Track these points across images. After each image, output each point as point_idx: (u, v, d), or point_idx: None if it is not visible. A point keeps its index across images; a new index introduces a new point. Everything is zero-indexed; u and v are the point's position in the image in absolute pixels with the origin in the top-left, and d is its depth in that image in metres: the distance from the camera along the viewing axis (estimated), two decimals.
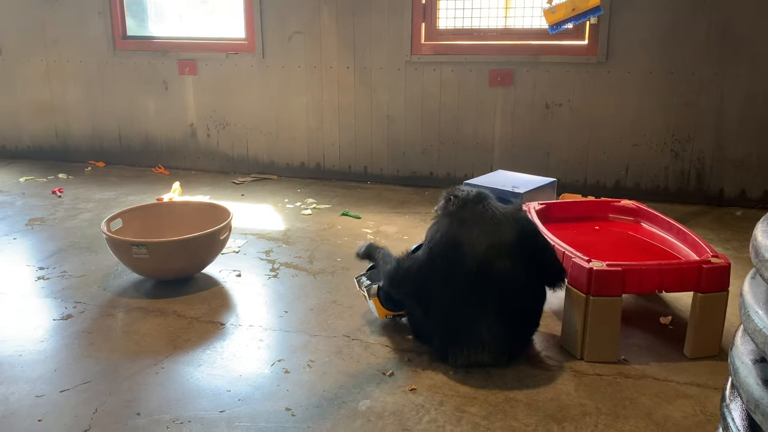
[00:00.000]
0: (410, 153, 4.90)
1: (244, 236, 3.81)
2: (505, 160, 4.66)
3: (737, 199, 4.37)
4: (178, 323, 2.79)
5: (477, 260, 2.27)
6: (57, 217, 4.23)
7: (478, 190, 2.49)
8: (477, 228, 2.32)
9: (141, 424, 2.11)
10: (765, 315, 0.93)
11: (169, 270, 3.10)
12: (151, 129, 5.46)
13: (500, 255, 2.28)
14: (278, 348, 2.59)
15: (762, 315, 0.94)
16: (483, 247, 2.28)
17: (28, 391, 2.29)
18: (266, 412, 2.16)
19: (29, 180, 5.11)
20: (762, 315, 0.94)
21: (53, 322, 2.81)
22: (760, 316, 0.93)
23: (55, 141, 5.73)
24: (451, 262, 2.29)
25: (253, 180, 5.12)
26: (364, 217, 4.18)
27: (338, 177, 5.08)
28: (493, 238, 2.29)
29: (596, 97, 4.45)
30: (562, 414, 2.14)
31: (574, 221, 3.14)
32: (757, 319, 0.94)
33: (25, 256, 3.57)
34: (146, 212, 3.46)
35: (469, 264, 2.27)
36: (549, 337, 2.65)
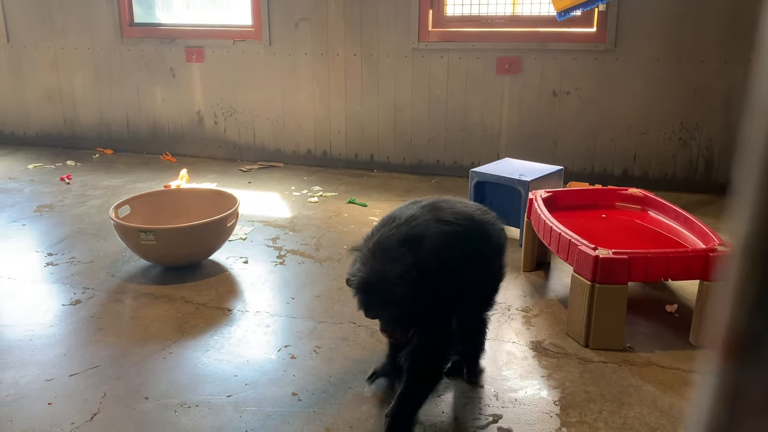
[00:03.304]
0: (417, 141, 4.89)
1: (251, 223, 3.83)
2: (512, 148, 4.64)
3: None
4: (185, 309, 2.81)
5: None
6: (65, 203, 4.26)
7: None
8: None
9: (149, 408, 2.13)
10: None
11: (177, 256, 3.12)
12: (159, 116, 5.47)
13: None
14: (285, 334, 2.61)
15: None
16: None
17: (38, 375, 2.32)
18: (273, 397, 2.19)
19: (38, 167, 5.14)
20: None
21: (62, 307, 2.84)
22: None
23: (63, 128, 5.75)
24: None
25: (260, 167, 5.13)
26: (370, 204, 4.19)
27: (345, 165, 5.08)
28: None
29: (604, 84, 4.43)
30: (567, 401, 2.15)
31: (580, 209, 3.14)
32: None
33: (33, 242, 3.60)
34: (154, 199, 3.48)
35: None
36: (555, 324, 2.65)
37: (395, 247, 1.88)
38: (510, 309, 2.79)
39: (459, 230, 1.98)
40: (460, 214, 2.04)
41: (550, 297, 2.92)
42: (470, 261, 2.02)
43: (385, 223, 2.01)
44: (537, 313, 2.75)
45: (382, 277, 1.85)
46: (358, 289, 1.89)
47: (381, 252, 1.89)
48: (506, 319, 2.70)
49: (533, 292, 2.96)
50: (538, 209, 2.96)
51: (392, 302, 1.86)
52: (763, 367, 0.17)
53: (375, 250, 1.89)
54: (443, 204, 2.07)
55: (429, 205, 2.04)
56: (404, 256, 1.86)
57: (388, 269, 1.85)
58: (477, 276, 2.10)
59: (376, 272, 1.86)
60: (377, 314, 1.95)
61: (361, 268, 1.90)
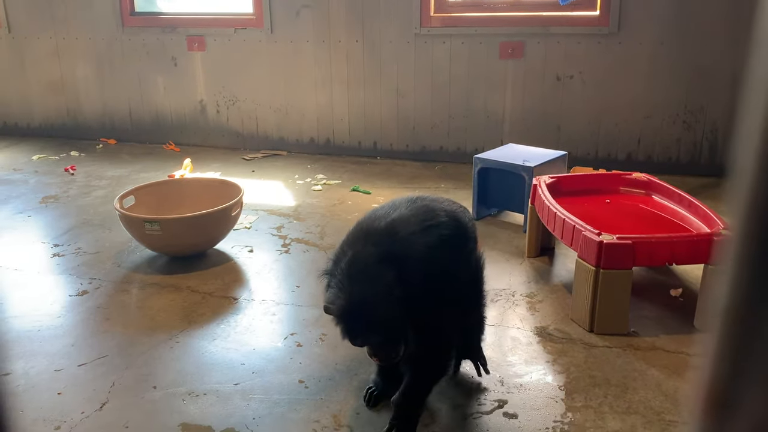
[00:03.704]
0: (420, 128, 4.88)
1: (255, 212, 3.84)
2: (515, 134, 4.63)
3: None
4: (191, 298, 2.83)
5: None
6: (70, 194, 4.27)
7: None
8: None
9: (157, 398, 2.15)
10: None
11: (182, 246, 3.14)
12: (161, 106, 5.47)
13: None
14: (291, 322, 2.63)
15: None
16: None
17: (47, 365, 2.34)
18: (280, 385, 2.20)
19: (42, 158, 5.15)
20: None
21: (69, 298, 2.86)
22: None
23: (66, 119, 5.75)
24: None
25: (263, 156, 5.13)
26: (374, 192, 4.19)
27: (348, 152, 5.08)
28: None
29: (608, 68, 4.40)
30: (572, 385, 2.17)
31: (584, 194, 3.14)
32: None
33: (39, 234, 3.62)
34: (158, 189, 3.49)
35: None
36: (559, 309, 2.66)
37: (373, 264, 1.73)
38: (514, 295, 2.80)
39: (438, 232, 1.86)
40: (433, 212, 1.92)
41: (554, 283, 2.92)
42: (454, 259, 1.92)
43: (357, 238, 1.85)
44: (541, 299, 2.76)
45: (365, 303, 1.70)
46: (340, 318, 1.73)
47: (358, 272, 1.73)
48: (511, 305, 2.70)
49: (537, 278, 2.97)
50: (542, 195, 2.96)
51: (379, 324, 1.72)
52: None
53: (351, 272, 1.73)
54: (413, 207, 1.93)
55: (399, 210, 1.89)
56: (385, 273, 1.71)
57: (369, 290, 1.70)
58: (463, 271, 2.00)
59: (356, 295, 1.70)
60: (366, 341, 1.79)
61: (338, 293, 1.73)
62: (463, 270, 2.00)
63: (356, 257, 1.76)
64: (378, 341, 1.77)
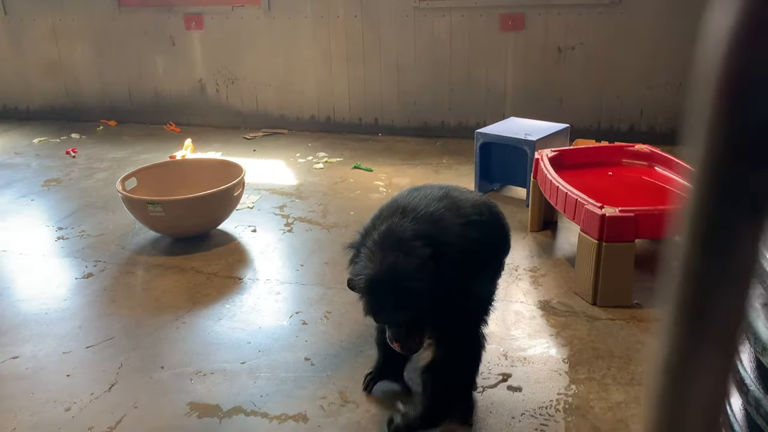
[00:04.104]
0: (421, 103, 4.85)
1: (257, 192, 3.84)
2: (517, 107, 4.60)
3: None
4: (196, 279, 2.84)
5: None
6: (72, 177, 4.27)
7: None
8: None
9: (165, 377, 2.18)
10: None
11: (185, 227, 3.15)
12: (161, 86, 5.44)
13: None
14: (295, 301, 2.64)
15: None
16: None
17: (55, 348, 2.36)
18: (286, 362, 2.23)
19: (42, 141, 5.14)
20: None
21: (75, 280, 2.88)
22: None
23: (65, 101, 5.73)
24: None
25: (264, 135, 5.11)
26: (375, 169, 4.18)
27: (349, 129, 5.06)
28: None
29: (609, 39, 4.35)
30: (575, 358, 2.18)
31: (587, 167, 3.12)
32: (766, 264, 0.94)
33: (43, 217, 3.63)
34: (160, 170, 3.48)
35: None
36: (562, 283, 2.67)
37: (409, 239, 1.62)
38: (517, 269, 2.81)
39: (478, 220, 1.77)
40: (476, 204, 1.84)
41: (557, 256, 2.93)
42: (488, 254, 1.86)
43: (393, 212, 1.73)
44: (544, 273, 2.77)
45: (396, 273, 1.56)
46: (366, 289, 1.60)
47: (392, 244, 1.61)
48: (514, 280, 2.71)
49: (540, 252, 2.97)
50: (544, 169, 2.95)
51: (409, 300, 1.58)
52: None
53: (384, 242, 1.62)
54: (455, 193, 1.85)
55: (441, 194, 1.81)
56: (420, 248, 1.60)
57: (403, 263, 1.57)
58: (491, 272, 1.93)
59: (388, 267, 1.57)
60: (390, 318, 1.66)
61: (367, 264, 1.61)
62: (493, 276, 1.94)
63: (392, 229, 1.65)
64: (403, 320, 1.63)
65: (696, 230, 0.16)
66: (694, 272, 0.15)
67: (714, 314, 0.15)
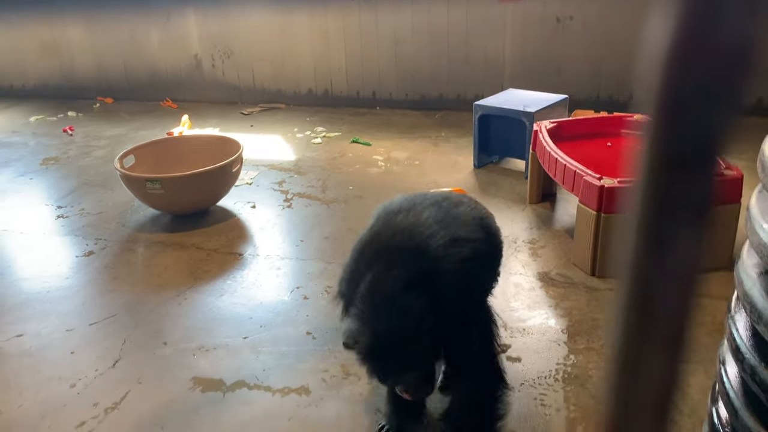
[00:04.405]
0: (418, 76, 4.82)
1: (256, 168, 3.83)
2: (516, 79, 4.57)
3: (754, 108, 4.28)
4: (197, 255, 2.86)
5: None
6: (70, 155, 4.26)
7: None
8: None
9: (168, 353, 2.20)
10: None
11: (184, 204, 3.15)
12: (156, 62, 5.39)
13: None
14: (296, 276, 2.66)
15: (767, 229, 0.95)
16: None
17: (58, 326, 2.38)
18: (288, 337, 2.25)
19: (39, 119, 5.12)
20: (767, 229, 0.95)
21: (76, 258, 2.89)
22: (765, 230, 0.94)
23: (61, 78, 5.69)
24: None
25: (262, 110, 5.08)
26: (374, 143, 4.17)
27: (347, 103, 5.03)
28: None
29: (609, 8, 4.30)
30: (574, 328, 2.20)
31: (586, 138, 3.11)
32: (762, 233, 0.95)
33: (42, 196, 3.63)
34: (158, 147, 3.48)
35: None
36: (561, 254, 2.68)
37: (401, 292, 1.46)
38: (517, 241, 2.82)
39: (472, 246, 1.58)
40: (469, 224, 1.64)
41: (556, 228, 2.94)
42: (488, 279, 1.76)
43: (376, 253, 1.56)
44: (543, 245, 2.78)
45: (393, 338, 1.45)
46: (367, 358, 1.50)
47: (383, 303, 1.46)
48: (513, 252, 2.73)
49: (539, 223, 2.98)
50: (542, 140, 2.94)
51: (414, 361, 1.49)
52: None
53: (373, 300, 1.47)
54: (438, 213, 1.62)
55: (421, 215, 1.60)
56: (415, 302, 1.45)
57: (401, 324, 1.44)
58: (488, 294, 1.81)
59: (386, 332, 1.45)
60: (396, 380, 1.56)
61: (360, 328, 1.48)
62: (489, 289, 1.81)
63: (378, 280, 1.49)
64: (412, 378, 1.53)
65: (640, 231, 0.16)
66: (641, 273, 0.16)
67: (660, 308, 0.16)
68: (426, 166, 3.75)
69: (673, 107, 0.16)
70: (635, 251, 0.17)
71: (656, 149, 0.17)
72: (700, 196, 0.17)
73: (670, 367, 0.17)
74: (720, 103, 0.16)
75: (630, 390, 0.17)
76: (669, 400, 0.17)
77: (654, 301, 0.17)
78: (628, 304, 0.17)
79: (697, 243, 0.16)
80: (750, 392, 1.04)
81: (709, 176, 0.17)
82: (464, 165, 3.71)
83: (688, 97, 0.16)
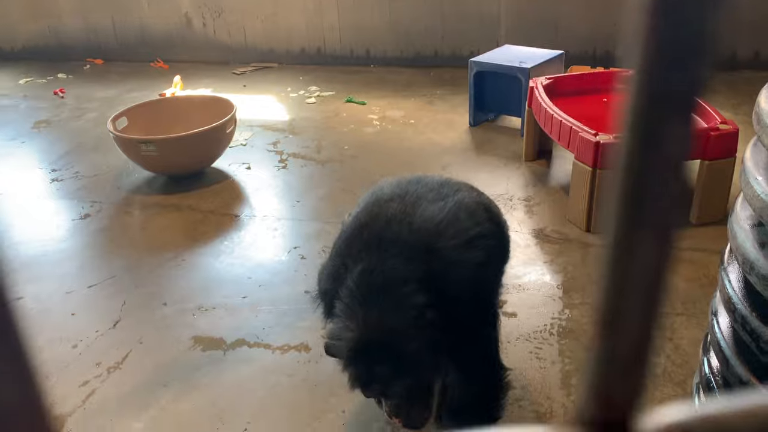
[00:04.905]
0: (413, 32, 4.75)
1: (250, 128, 3.80)
2: (511, 35, 4.51)
3: (750, 62, 4.25)
4: (193, 217, 2.86)
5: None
6: (62, 118, 4.22)
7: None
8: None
9: (168, 313, 2.22)
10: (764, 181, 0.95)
11: (179, 165, 3.14)
12: (146, 20, 5.29)
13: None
14: (293, 236, 2.67)
15: (761, 181, 0.95)
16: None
17: (57, 288, 2.40)
18: (286, 296, 2.27)
19: (29, 82, 5.05)
20: (761, 181, 0.95)
21: (72, 222, 2.89)
22: (759, 183, 0.95)
23: (49, 39, 5.58)
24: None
25: (254, 69, 5.02)
26: (369, 102, 4.14)
27: (340, 62, 4.96)
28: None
29: None
30: (570, 284, 2.23)
31: (582, 95, 3.09)
32: (756, 185, 0.95)
33: (35, 159, 3.61)
34: (151, 109, 3.44)
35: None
36: (557, 211, 2.70)
37: (397, 284, 1.26)
38: (512, 199, 2.82)
39: (486, 243, 1.38)
40: (473, 213, 1.43)
41: (551, 185, 2.94)
42: (495, 275, 1.55)
43: (368, 243, 1.33)
44: (539, 202, 2.79)
45: (388, 331, 1.24)
46: (352, 359, 1.25)
47: (376, 294, 1.25)
48: (509, 209, 2.74)
49: (535, 181, 2.99)
50: (538, 97, 2.92)
51: (407, 368, 1.25)
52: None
53: (364, 292, 1.26)
54: (442, 202, 1.42)
55: (422, 205, 1.39)
56: (413, 295, 1.25)
57: (394, 319, 1.24)
58: (496, 293, 1.60)
59: (376, 327, 1.24)
60: (386, 390, 1.30)
61: (348, 324, 1.26)
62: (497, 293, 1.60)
63: (370, 272, 1.28)
64: (403, 391, 1.29)
65: (633, 126, 0.17)
66: (631, 164, 0.17)
67: (649, 199, 0.18)
68: (421, 125, 3.73)
69: (655, 53, 0.16)
70: (629, 143, 0.18)
71: (641, 94, 0.17)
72: (682, 138, 0.18)
73: (659, 254, 0.18)
74: (697, 49, 0.17)
75: (624, 274, 0.18)
76: (661, 282, 0.19)
77: (643, 189, 0.18)
78: (620, 194, 0.18)
79: (685, 133, 0.17)
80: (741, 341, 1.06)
81: (689, 119, 0.17)
82: (460, 123, 3.69)
83: (669, 43, 0.16)
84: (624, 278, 0.18)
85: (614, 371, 0.19)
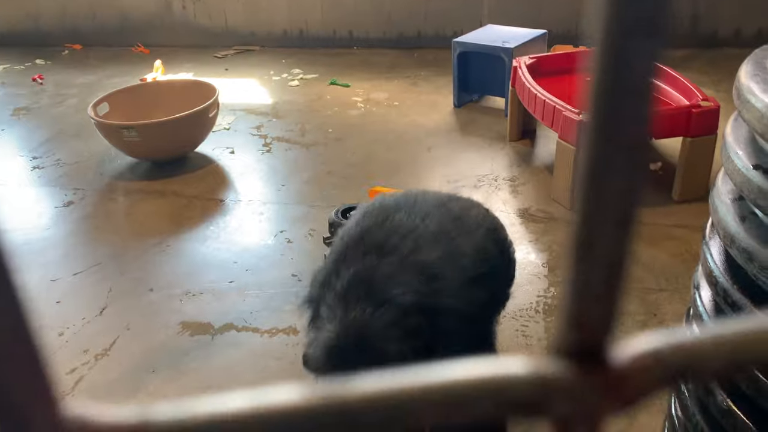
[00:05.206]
0: (396, 12, 4.71)
1: (233, 112, 3.77)
2: (494, 14, 4.49)
3: (731, 39, 4.28)
4: (178, 202, 2.84)
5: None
6: (41, 105, 4.16)
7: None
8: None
9: (155, 299, 2.22)
10: (744, 156, 0.96)
11: (162, 151, 3.11)
12: (125, 5, 5.21)
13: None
14: (279, 220, 2.67)
15: (741, 155, 0.97)
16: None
17: (42, 276, 2.38)
18: (273, 279, 2.27)
19: (6, 68, 4.96)
20: (741, 155, 0.97)
21: (55, 209, 2.86)
22: (740, 157, 0.96)
23: (27, 25, 5.48)
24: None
25: (236, 53, 4.97)
26: (352, 85, 4.11)
27: (323, 44, 4.93)
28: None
29: None
30: (554, 262, 2.25)
31: (565, 74, 3.10)
32: (737, 160, 0.97)
33: (16, 147, 3.56)
34: (132, 94, 3.40)
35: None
36: (541, 190, 2.71)
37: (384, 282, 1.19)
38: (497, 179, 2.84)
39: (493, 284, 1.36)
40: (484, 247, 1.38)
41: (536, 165, 2.96)
42: (497, 300, 1.50)
43: (362, 252, 1.27)
44: (524, 182, 2.80)
45: (364, 332, 1.16)
46: (325, 361, 1.18)
47: (358, 292, 1.19)
48: (494, 190, 2.75)
49: (520, 161, 3.00)
50: (522, 76, 2.93)
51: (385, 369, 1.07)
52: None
53: (347, 292, 1.20)
54: (444, 211, 1.37)
55: (429, 226, 1.32)
56: (400, 295, 1.18)
57: (373, 319, 1.16)
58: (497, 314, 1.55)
59: (353, 326, 1.16)
60: None
61: (327, 325, 1.19)
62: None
63: (360, 273, 1.22)
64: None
65: (602, 54, 0.18)
66: (601, 88, 0.18)
67: (619, 118, 0.18)
68: (405, 107, 3.72)
69: (616, 34, 0.17)
70: (599, 69, 0.19)
71: (602, 74, 0.18)
72: (641, 118, 0.19)
73: (629, 176, 0.19)
74: (653, 25, 0.17)
75: (596, 197, 0.19)
76: (633, 211, 0.19)
77: (612, 110, 0.19)
78: (592, 119, 0.19)
79: (652, 57, 0.18)
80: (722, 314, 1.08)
81: (649, 98, 0.18)
82: (444, 104, 3.69)
83: (625, 19, 0.17)
84: (596, 206, 0.19)
85: (588, 298, 0.20)
